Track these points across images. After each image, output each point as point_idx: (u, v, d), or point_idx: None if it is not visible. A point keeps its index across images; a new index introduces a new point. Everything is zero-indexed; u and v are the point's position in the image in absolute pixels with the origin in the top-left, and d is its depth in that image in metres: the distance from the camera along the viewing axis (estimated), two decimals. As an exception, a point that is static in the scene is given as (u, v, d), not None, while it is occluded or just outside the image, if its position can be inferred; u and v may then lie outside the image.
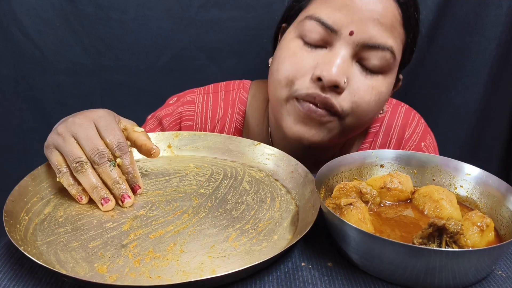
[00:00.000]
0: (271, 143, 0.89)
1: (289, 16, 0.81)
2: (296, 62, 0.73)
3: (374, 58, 0.72)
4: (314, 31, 0.72)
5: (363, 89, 0.72)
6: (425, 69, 1.31)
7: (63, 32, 1.15)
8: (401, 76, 0.83)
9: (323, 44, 0.73)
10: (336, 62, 0.70)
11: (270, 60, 0.83)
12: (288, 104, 0.75)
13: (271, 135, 0.89)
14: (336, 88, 0.71)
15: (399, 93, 1.32)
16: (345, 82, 0.71)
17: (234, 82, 0.96)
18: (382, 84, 0.74)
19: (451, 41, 1.26)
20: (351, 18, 0.69)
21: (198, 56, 1.19)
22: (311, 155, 0.83)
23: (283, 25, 0.83)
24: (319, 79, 0.70)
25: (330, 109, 0.73)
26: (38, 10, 1.12)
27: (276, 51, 0.80)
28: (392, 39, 0.72)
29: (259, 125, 0.92)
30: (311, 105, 0.73)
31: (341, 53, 0.71)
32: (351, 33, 0.70)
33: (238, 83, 0.95)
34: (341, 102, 0.72)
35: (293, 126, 0.75)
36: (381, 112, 0.81)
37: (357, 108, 0.73)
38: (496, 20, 1.22)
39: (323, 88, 0.71)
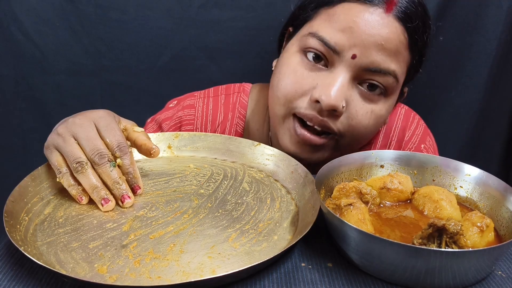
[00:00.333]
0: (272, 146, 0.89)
1: (294, 23, 0.80)
2: (296, 81, 0.73)
3: (375, 82, 0.71)
4: (316, 50, 0.71)
5: (362, 113, 0.72)
6: (425, 69, 1.31)
7: (63, 32, 1.15)
8: (405, 89, 0.82)
9: (324, 63, 0.72)
10: (336, 86, 0.69)
11: (274, 63, 0.83)
12: (286, 122, 0.76)
13: (271, 139, 0.90)
14: (334, 112, 0.71)
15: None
16: (343, 107, 0.70)
17: (235, 85, 0.95)
18: (382, 107, 0.74)
19: (451, 41, 1.26)
20: (354, 41, 0.68)
21: (198, 56, 1.19)
22: (313, 161, 0.84)
23: (290, 29, 0.82)
24: (317, 101, 0.70)
25: (326, 130, 0.73)
26: (38, 10, 1.12)
27: (278, 60, 0.80)
28: (395, 64, 0.71)
29: (259, 129, 0.92)
30: (306, 133, 0.73)
31: (342, 75, 0.70)
32: (353, 57, 0.69)
33: (238, 86, 0.95)
34: (338, 124, 0.73)
35: (289, 146, 0.76)
36: (383, 124, 0.81)
37: (353, 130, 0.73)
38: (496, 20, 1.22)
39: (321, 111, 0.71)
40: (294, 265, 0.53)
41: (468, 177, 0.63)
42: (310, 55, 0.72)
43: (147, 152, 0.65)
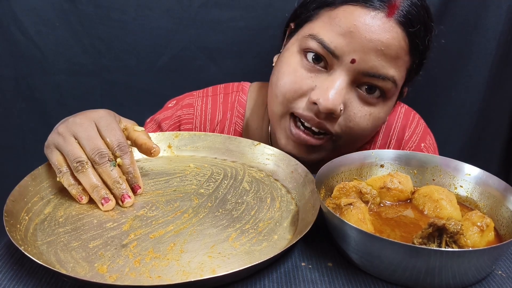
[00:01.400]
0: (271, 145, 0.89)
1: (296, 21, 0.80)
2: (295, 81, 0.73)
3: (374, 87, 0.71)
4: (315, 52, 0.71)
5: (359, 116, 0.72)
6: (425, 69, 1.31)
7: (63, 32, 1.15)
8: (405, 89, 0.82)
9: (324, 65, 0.72)
10: (334, 89, 0.69)
11: (275, 58, 0.83)
12: (282, 121, 0.76)
13: (271, 137, 0.90)
14: (331, 114, 0.71)
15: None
16: (341, 110, 0.70)
17: (233, 84, 0.95)
18: (380, 110, 0.74)
19: (451, 41, 1.26)
20: (353, 46, 0.68)
21: (198, 56, 1.19)
22: (311, 159, 0.84)
23: (291, 25, 0.82)
24: (315, 103, 0.70)
25: (324, 132, 0.73)
26: (38, 10, 1.12)
27: (279, 57, 0.80)
28: (394, 69, 0.70)
29: (258, 127, 0.92)
30: (301, 133, 0.73)
31: (340, 79, 0.70)
32: (352, 61, 0.68)
33: (237, 85, 0.95)
34: (336, 126, 0.73)
35: (286, 145, 0.76)
36: (382, 124, 0.81)
37: (351, 132, 0.73)
38: (496, 20, 1.22)
39: (318, 113, 0.71)
40: (294, 264, 0.53)
41: (468, 177, 0.63)
42: (310, 56, 0.72)
43: (148, 151, 0.65)
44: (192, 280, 0.46)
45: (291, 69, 0.74)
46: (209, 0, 1.14)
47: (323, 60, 0.72)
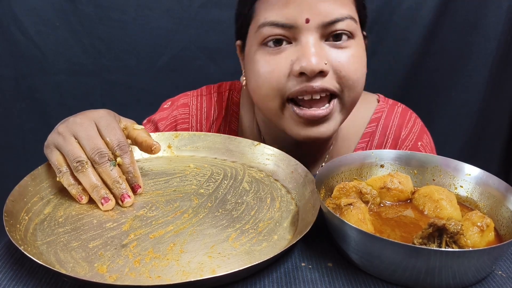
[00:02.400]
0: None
1: (241, 33, 0.80)
2: (272, 70, 0.72)
3: (339, 31, 0.71)
4: (273, 35, 0.72)
5: (345, 61, 0.72)
6: (425, 69, 1.31)
7: (63, 32, 1.15)
8: (364, 33, 0.81)
9: (287, 41, 0.72)
10: (310, 52, 0.70)
11: (242, 79, 0.82)
12: (286, 111, 0.75)
13: (263, 136, 0.90)
14: (321, 73, 0.71)
15: (399, 92, 1.33)
16: (326, 64, 0.71)
17: (226, 83, 0.96)
18: (356, 49, 0.74)
19: (451, 41, 1.26)
20: (299, 8, 0.69)
21: (198, 56, 1.19)
22: (306, 154, 0.84)
23: (238, 42, 0.83)
24: (301, 73, 0.70)
25: (327, 93, 0.73)
26: (38, 10, 1.13)
27: (245, 69, 0.80)
28: (345, 7, 0.71)
29: (250, 126, 0.92)
30: (307, 110, 0.73)
31: (309, 41, 0.70)
32: (307, 21, 0.69)
33: (230, 84, 0.95)
34: (332, 82, 0.72)
35: (301, 131, 0.75)
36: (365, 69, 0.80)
37: (348, 80, 0.73)
38: (496, 20, 1.22)
39: (309, 79, 0.71)
40: (294, 264, 0.53)
41: (468, 177, 0.63)
42: (271, 43, 0.73)
43: (148, 148, 0.65)
44: (192, 280, 0.46)
45: (262, 64, 0.74)
46: (209, 0, 1.14)
47: (283, 38, 0.72)
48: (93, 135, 0.61)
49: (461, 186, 0.63)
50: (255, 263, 0.47)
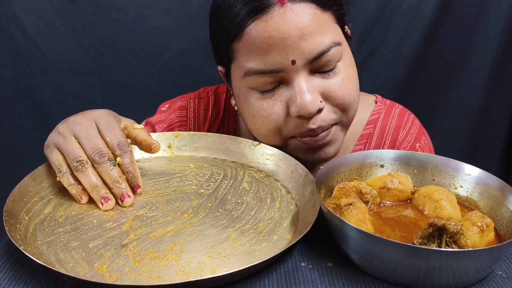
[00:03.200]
0: None
1: (222, 63, 0.78)
2: (269, 114, 0.72)
3: (326, 61, 0.70)
4: (262, 81, 0.70)
5: (338, 89, 0.71)
6: (425, 70, 1.31)
7: (63, 32, 1.15)
8: (347, 28, 0.79)
9: (279, 83, 0.71)
10: (304, 91, 0.68)
11: (233, 103, 0.81)
12: (290, 143, 0.75)
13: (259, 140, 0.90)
14: (319, 112, 0.70)
15: (399, 92, 1.33)
16: (321, 102, 0.70)
17: (224, 85, 0.95)
18: (345, 70, 0.73)
19: (451, 41, 1.26)
20: (283, 51, 0.67)
21: (198, 56, 1.19)
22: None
23: (220, 68, 0.81)
24: (300, 116, 0.70)
25: (329, 126, 0.73)
26: (38, 10, 1.13)
27: (236, 101, 0.78)
28: (328, 34, 0.69)
29: (247, 130, 0.92)
30: (313, 138, 0.72)
31: (300, 81, 0.69)
32: (293, 62, 0.68)
33: (227, 86, 0.95)
34: (330, 114, 0.72)
35: (309, 157, 0.75)
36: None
37: (344, 103, 0.73)
38: (496, 20, 1.22)
39: (309, 119, 0.70)
40: (294, 264, 0.53)
41: (468, 177, 0.63)
42: (262, 88, 0.71)
43: (148, 147, 0.65)
44: (192, 280, 0.46)
45: (257, 109, 0.72)
46: (209, 0, 1.14)
47: (273, 81, 0.71)
48: (93, 135, 0.61)
49: (461, 186, 0.63)
50: (255, 263, 0.47)
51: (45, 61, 1.17)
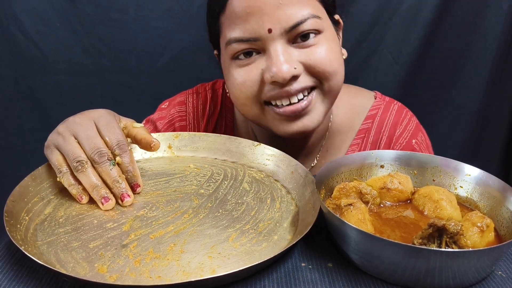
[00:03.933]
0: (256, 139, 0.90)
1: (215, 44, 0.82)
2: (244, 80, 0.74)
3: (303, 31, 0.71)
4: (240, 50, 0.72)
5: (317, 58, 0.72)
6: (425, 69, 1.31)
7: (63, 32, 1.15)
8: (337, 17, 0.81)
9: (257, 52, 0.73)
10: (279, 60, 0.70)
11: (226, 87, 0.84)
12: (267, 113, 0.76)
13: (254, 132, 0.91)
14: (294, 78, 0.71)
15: (399, 92, 1.33)
16: (296, 68, 0.71)
17: (221, 80, 0.97)
18: (327, 42, 0.74)
19: (451, 41, 1.26)
20: (260, 19, 0.69)
21: (198, 56, 1.19)
22: (299, 147, 0.85)
23: (215, 52, 0.84)
24: (274, 82, 0.71)
25: (305, 91, 0.73)
26: (38, 10, 1.12)
27: (226, 80, 0.81)
28: (305, 6, 0.71)
29: (244, 120, 0.94)
30: (288, 107, 0.73)
31: (277, 49, 0.71)
32: (269, 31, 0.70)
33: (224, 81, 0.96)
34: (307, 79, 0.73)
35: (286, 128, 0.76)
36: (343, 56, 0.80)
37: (325, 73, 0.73)
38: (496, 20, 1.22)
39: (284, 84, 0.71)
40: (294, 265, 0.53)
41: (468, 177, 0.63)
42: (241, 56, 0.74)
43: (148, 145, 0.65)
44: (192, 280, 0.46)
45: (236, 77, 0.75)
46: (209, 0, 1.13)
47: (252, 50, 0.73)
48: (92, 135, 0.61)
49: (461, 187, 0.63)
50: (255, 263, 0.47)
51: (45, 61, 1.17)
